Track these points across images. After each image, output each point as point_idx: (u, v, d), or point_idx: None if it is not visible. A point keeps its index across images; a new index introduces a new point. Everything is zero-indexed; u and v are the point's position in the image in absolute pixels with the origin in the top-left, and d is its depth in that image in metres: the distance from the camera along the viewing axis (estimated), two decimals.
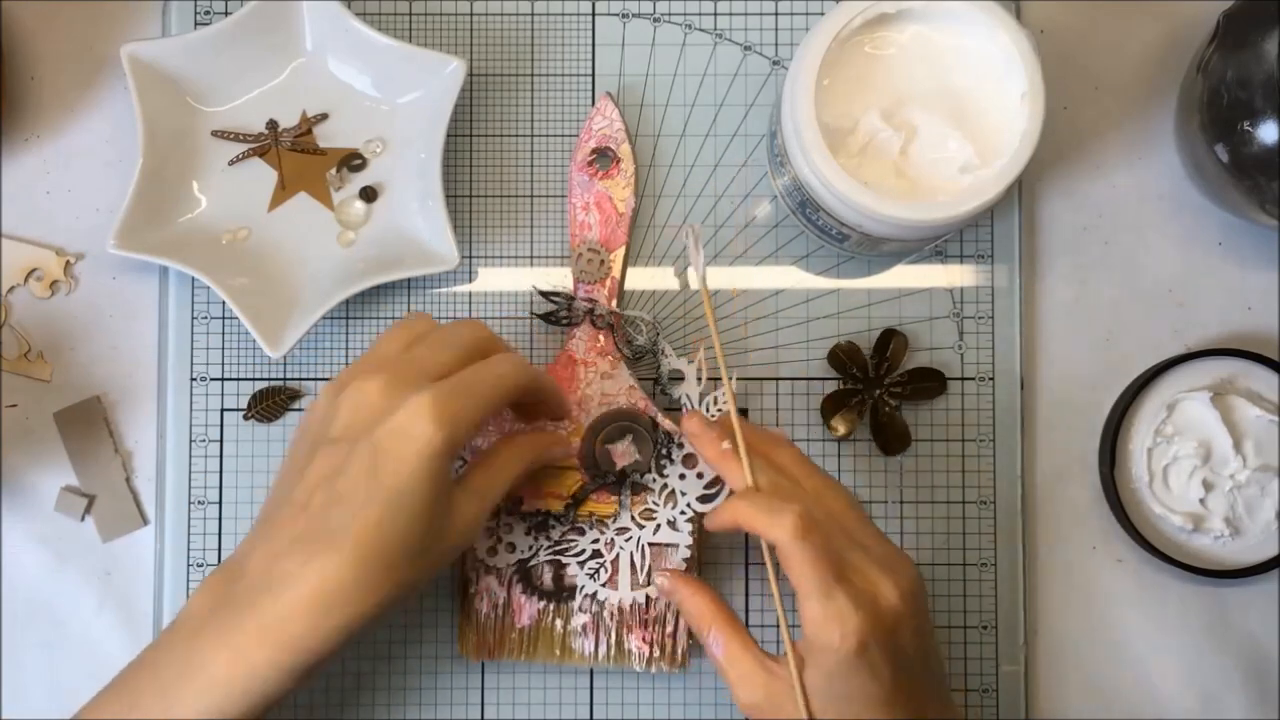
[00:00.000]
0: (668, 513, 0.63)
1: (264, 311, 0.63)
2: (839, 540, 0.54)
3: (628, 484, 0.63)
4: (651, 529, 0.63)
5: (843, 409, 0.65)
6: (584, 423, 0.63)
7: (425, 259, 0.63)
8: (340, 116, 0.66)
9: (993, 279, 0.66)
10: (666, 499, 0.63)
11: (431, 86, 0.64)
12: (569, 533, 0.63)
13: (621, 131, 0.66)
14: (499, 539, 0.63)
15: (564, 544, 0.63)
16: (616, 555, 0.63)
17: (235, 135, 0.65)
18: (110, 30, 0.67)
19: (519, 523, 0.63)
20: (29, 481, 0.66)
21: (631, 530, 0.63)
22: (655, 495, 0.63)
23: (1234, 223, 0.67)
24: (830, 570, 0.53)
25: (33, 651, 0.66)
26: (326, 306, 0.62)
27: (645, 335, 0.64)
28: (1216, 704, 0.66)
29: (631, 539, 0.63)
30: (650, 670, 0.63)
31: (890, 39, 0.60)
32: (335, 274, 0.64)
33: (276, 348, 0.62)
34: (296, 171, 0.65)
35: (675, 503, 0.63)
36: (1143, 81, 0.68)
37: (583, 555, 0.63)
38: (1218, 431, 0.64)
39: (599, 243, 0.65)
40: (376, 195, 0.66)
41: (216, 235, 0.65)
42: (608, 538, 0.63)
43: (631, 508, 0.63)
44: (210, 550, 0.65)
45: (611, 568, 0.63)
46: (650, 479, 0.63)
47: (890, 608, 0.53)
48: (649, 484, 0.63)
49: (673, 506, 0.63)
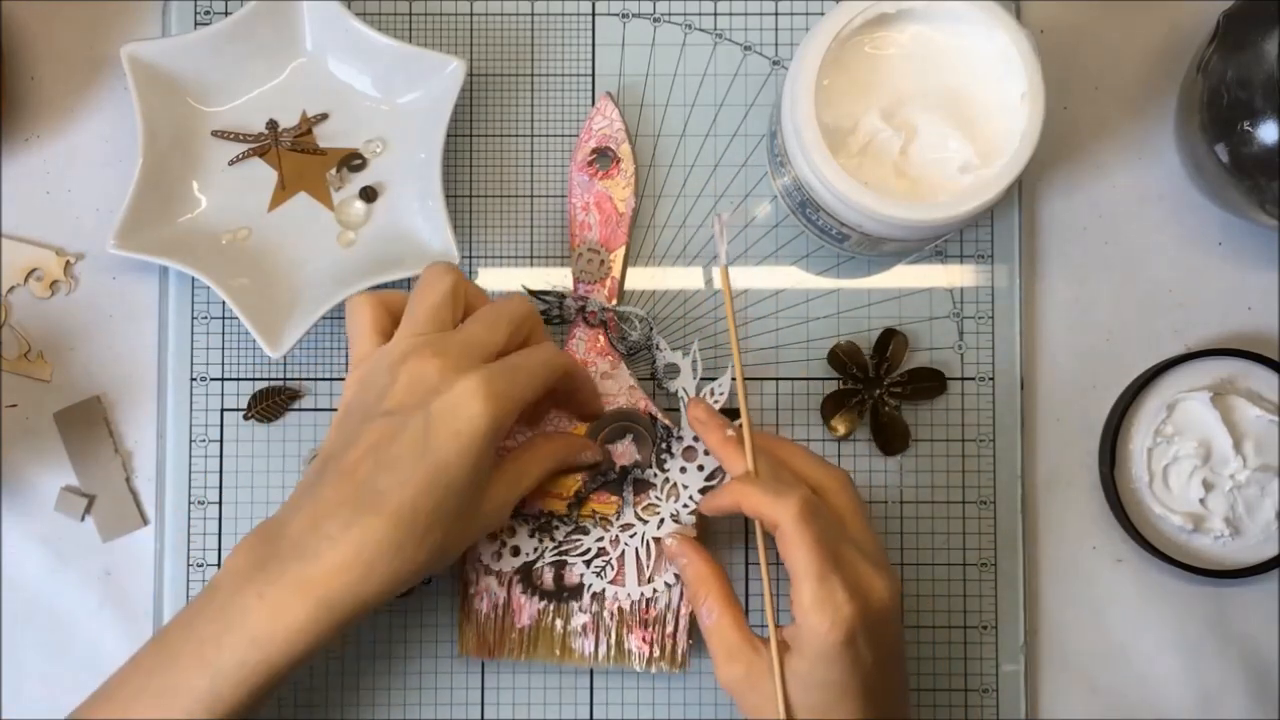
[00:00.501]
0: (670, 506, 0.63)
1: (264, 311, 0.63)
2: (837, 532, 0.56)
3: (629, 480, 0.63)
4: (655, 524, 0.63)
5: (843, 409, 0.65)
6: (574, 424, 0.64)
7: (425, 258, 0.63)
8: (340, 116, 0.66)
9: (993, 279, 0.66)
10: (669, 493, 0.63)
11: (431, 86, 0.64)
12: (573, 533, 0.63)
13: (621, 131, 0.66)
14: (503, 542, 0.63)
15: (569, 544, 0.63)
16: (622, 552, 0.63)
17: (235, 135, 0.65)
18: (110, 30, 0.67)
19: (522, 525, 0.63)
20: (29, 481, 0.66)
21: (636, 526, 0.63)
22: (657, 490, 0.63)
23: (1234, 223, 0.67)
24: (827, 558, 0.54)
25: (33, 651, 0.66)
26: (326, 306, 0.62)
27: (639, 331, 0.64)
28: (1216, 704, 0.66)
29: (636, 535, 0.63)
30: (650, 670, 0.63)
31: (890, 39, 0.60)
32: (335, 274, 0.64)
33: (277, 348, 0.62)
34: (296, 171, 0.65)
35: (678, 496, 0.63)
36: (1143, 81, 0.68)
37: (588, 554, 0.63)
38: (1218, 431, 0.64)
39: (599, 243, 0.65)
40: (376, 195, 0.66)
41: (217, 235, 0.65)
42: (612, 535, 0.63)
43: (635, 504, 0.63)
44: (210, 550, 0.65)
45: (618, 564, 0.63)
46: (651, 474, 0.63)
47: (881, 603, 0.55)
48: (650, 479, 0.63)
49: (675, 500, 0.63)
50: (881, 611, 0.55)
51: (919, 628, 0.66)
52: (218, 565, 0.65)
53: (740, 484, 0.57)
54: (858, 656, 0.54)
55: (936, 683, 0.65)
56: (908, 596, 0.66)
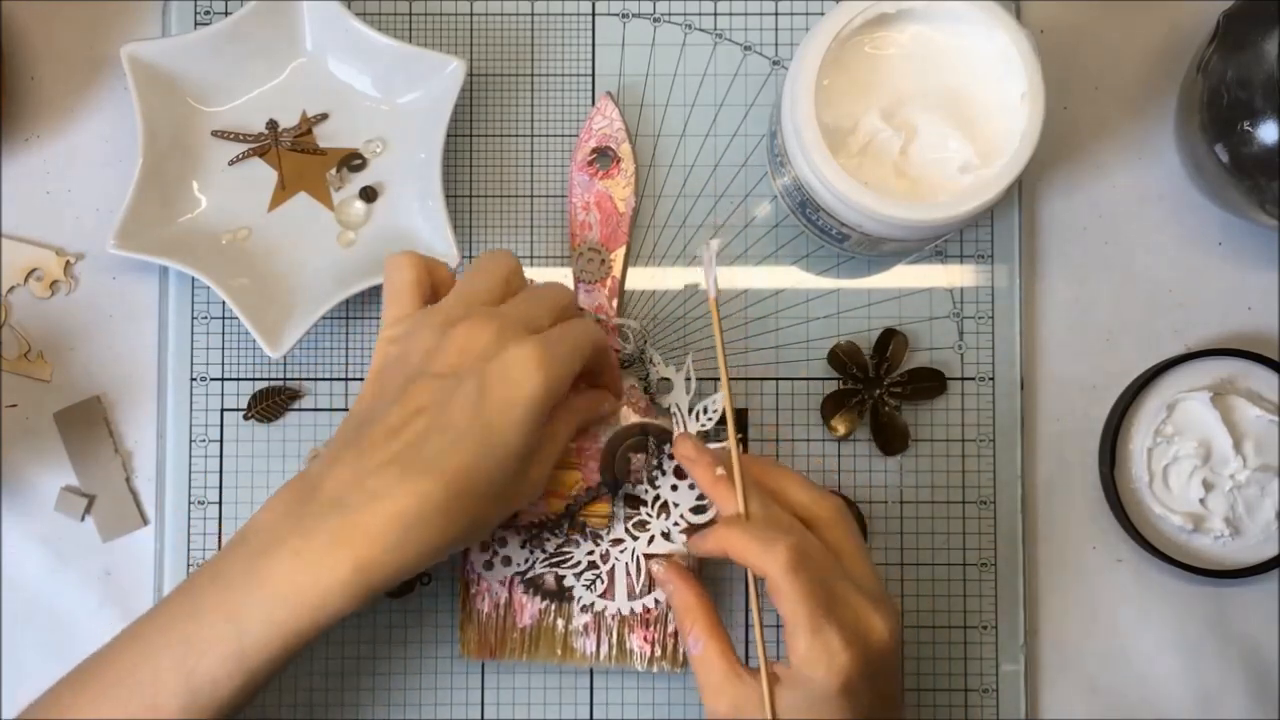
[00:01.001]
0: (661, 524, 0.63)
1: (264, 311, 0.63)
2: (831, 572, 0.54)
3: (621, 494, 0.63)
4: (645, 540, 0.63)
5: (843, 409, 0.65)
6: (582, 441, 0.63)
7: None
8: (340, 116, 0.66)
9: (993, 279, 0.66)
10: (659, 510, 0.63)
11: (431, 86, 0.64)
12: (564, 545, 0.63)
13: (622, 131, 0.66)
14: (495, 551, 0.63)
15: (559, 556, 0.63)
16: (612, 567, 0.63)
17: (235, 135, 0.65)
18: (110, 30, 0.67)
19: (513, 536, 0.63)
20: (29, 481, 0.66)
21: (626, 542, 0.63)
22: (648, 506, 0.63)
23: (1234, 223, 0.67)
24: (820, 605, 0.52)
25: (33, 651, 0.66)
26: (326, 306, 0.62)
27: (633, 343, 0.64)
28: (1216, 704, 0.66)
29: (626, 550, 0.63)
30: (652, 670, 0.63)
31: (890, 39, 0.60)
32: (335, 274, 0.64)
33: (276, 348, 0.62)
34: (296, 171, 0.65)
35: (668, 514, 0.62)
36: (1143, 81, 0.68)
37: (579, 567, 0.63)
38: (1218, 431, 0.64)
39: (600, 242, 0.65)
40: (376, 195, 0.66)
41: (217, 235, 0.65)
42: (603, 549, 0.63)
43: (625, 520, 0.63)
44: (210, 550, 0.65)
45: (608, 579, 0.63)
46: (643, 490, 0.63)
47: (880, 644, 0.53)
48: (642, 495, 0.63)
49: (665, 518, 0.63)
50: (881, 652, 0.53)
51: (919, 628, 0.66)
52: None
53: (727, 529, 0.55)
54: (857, 701, 0.53)
55: (936, 683, 0.65)
56: (908, 596, 0.66)
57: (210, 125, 0.65)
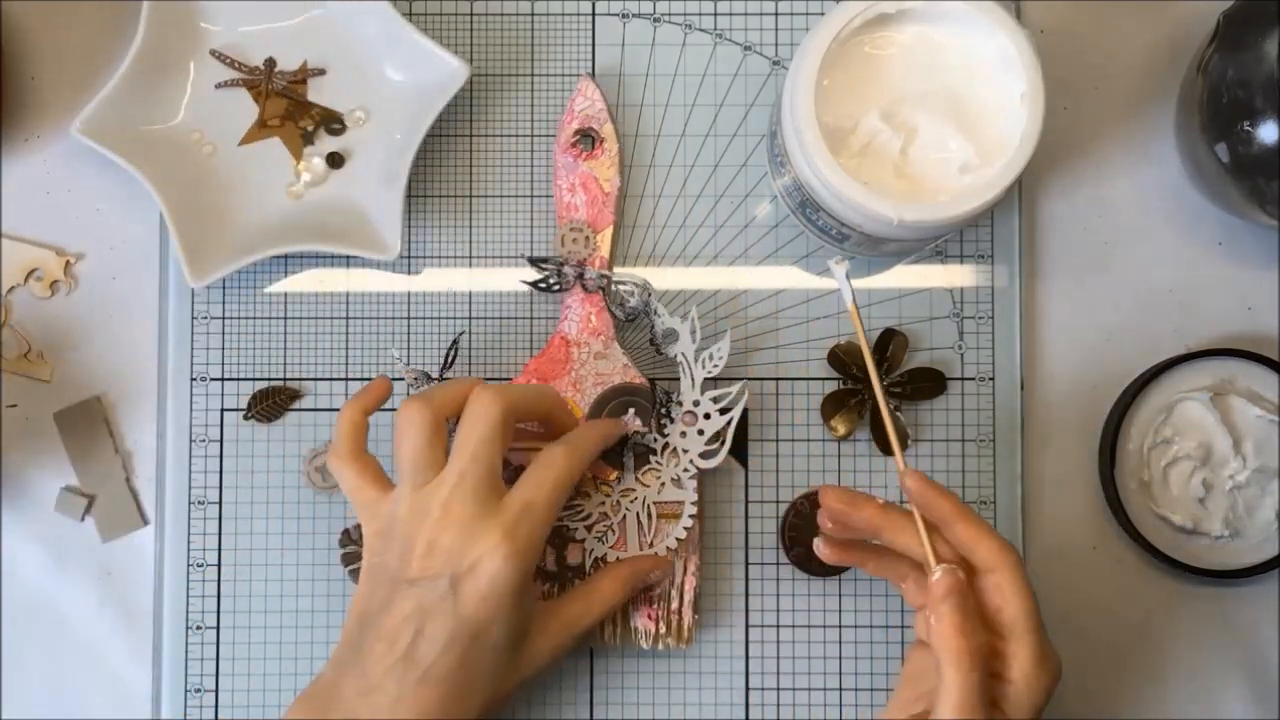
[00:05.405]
0: (671, 470, 0.63)
1: (198, 240, 0.63)
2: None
3: (629, 447, 0.63)
4: (656, 488, 0.63)
5: (843, 409, 0.65)
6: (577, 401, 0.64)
7: (368, 241, 0.63)
8: (336, 76, 0.66)
9: (993, 279, 0.66)
10: (669, 457, 0.63)
11: (432, 81, 0.64)
12: (575, 499, 0.64)
13: (603, 112, 0.66)
14: None
15: (570, 508, 0.64)
16: (623, 517, 0.64)
17: (232, 61, 0.65)
18: (110, 30, 0.67)
19: None
20: (29, 481, 0.66)
21: (636, 490, 0.64)
22: (657, 455, 0.63)
23: (1234, 223, 0.67)
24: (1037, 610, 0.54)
25: (33, 651, 0.66)
26: (259, 255, 0.63)
27: (637, 296, 0.65)
28: (1216, 704, 0.66)
29: (637, 499, 0.64)
30: (657, 647, 0.64)
31: (890, 39, 0.60)
32: (277, 225, 0.64)
33: (199, 278, 0.62)
34: (277, 115, 0.66)
35: (678, 460, 0.63)
36: (1143, 81, 0.68)
37: (589, 519, 0.63)
38: (1217, 432, 0.64)
39: (584, 222, 0.65)
40: (343, 162, 0.66)
41: (183, 150, 0.65)
42: (613, 500, 0.63)
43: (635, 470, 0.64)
44: (210, 550, 0.65)
45: (619, 529, 0.64)
46: (651, 438, 0.63)
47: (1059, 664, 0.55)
48: (650, 444, 0.63)
49: (675, 464, 0.63)
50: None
51: None
52: (218, 565, 0.65)
53: (959, 505, 0.55)
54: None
55: None
56: None
57: (210, 44, 0.66)
